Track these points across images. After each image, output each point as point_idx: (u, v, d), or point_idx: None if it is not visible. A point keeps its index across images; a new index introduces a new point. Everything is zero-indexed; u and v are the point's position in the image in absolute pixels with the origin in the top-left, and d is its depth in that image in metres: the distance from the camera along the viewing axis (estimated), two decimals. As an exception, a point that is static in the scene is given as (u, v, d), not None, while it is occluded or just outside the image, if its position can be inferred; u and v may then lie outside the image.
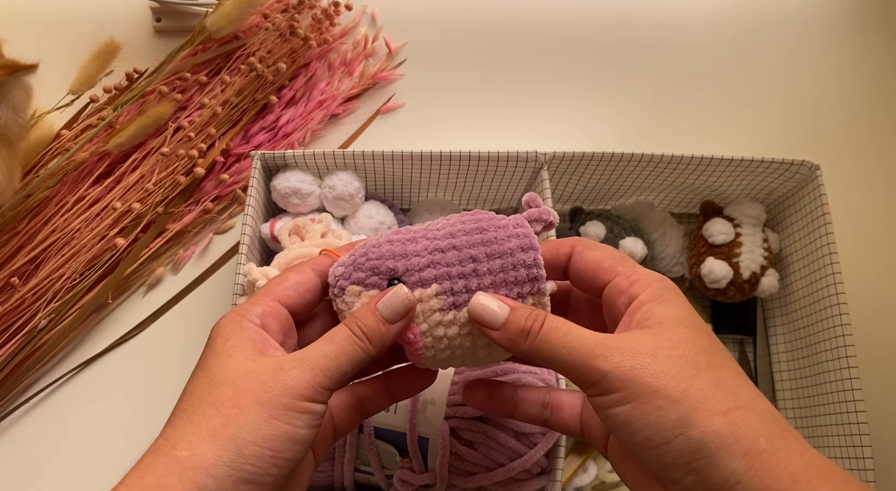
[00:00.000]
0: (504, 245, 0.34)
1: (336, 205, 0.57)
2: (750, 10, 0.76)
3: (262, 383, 0.30)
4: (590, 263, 0.34)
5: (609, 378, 0.29)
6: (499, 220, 0.35)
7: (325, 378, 0.31)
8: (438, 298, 0.34)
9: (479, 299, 0.33)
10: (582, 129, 0.70)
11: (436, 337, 0.34)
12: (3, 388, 0.57)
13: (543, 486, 0.46)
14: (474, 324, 0.33)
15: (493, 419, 0.44)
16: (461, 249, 0.34)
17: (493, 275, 0.34)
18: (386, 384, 0.37)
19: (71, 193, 0.62)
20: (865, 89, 0.72)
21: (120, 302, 0.61)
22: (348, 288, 0.34)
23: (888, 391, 0.60)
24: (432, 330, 0.34)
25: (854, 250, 0.62)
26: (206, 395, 0.30)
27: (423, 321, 0.34)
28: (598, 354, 0.30)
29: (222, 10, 0.63)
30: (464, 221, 0.35)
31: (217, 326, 0.33)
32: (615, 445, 0.35)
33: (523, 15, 0.74)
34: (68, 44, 0.64)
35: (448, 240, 0.34)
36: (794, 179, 0.57)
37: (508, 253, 0.34)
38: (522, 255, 0.34)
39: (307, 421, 0.30)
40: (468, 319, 0.33)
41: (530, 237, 0.34)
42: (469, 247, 0.34)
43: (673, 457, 0.28)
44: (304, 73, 0.69)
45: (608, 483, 0.56)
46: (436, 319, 0.34)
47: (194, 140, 0.63)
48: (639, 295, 0.32)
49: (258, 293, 0.34)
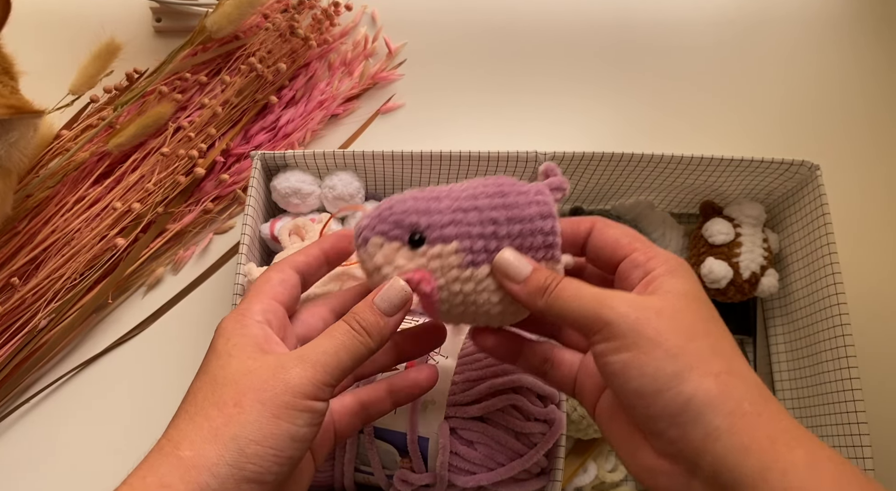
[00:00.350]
0: (524, 211, 0.35)
1: (336, 205, 0.57)
2: (750, 10, 0.76)
3: (264, 382, 0.30)
4: (609, 239, 0.35)
5: (614, 325, 0.31)
6: (521, 186, 0.36)
7: (326, 375, 0.31)
8: (458, 254, 0.35)
9: (507, 254, 0.34)
10: (582, 129, 0.70)
11: (452, 292, 0.35)
12: (3, 388, 0.57)
13: (543, 486, 0.46)
14: (497, 276, 0.35)
15: (493, 419, 0.44)
16: (483, 211, 0.35)
17: (511, 239, 0.35)
18: (388, 388, 0.38)
19: (71, 193, 0.62)
20: (865, 89, 0.72)
21: (120, 302, 0.61)
22: (371, 239, 0.35)
23: (888, 391, 0.60)
24: (449, 285, 0.35)
25: (854, 250, 0.62)
26: (208, 395, 0.31)
27: (441, 276, 0.35)
28: (607, 304, 0.32)
29: (222, 11, 0.63)
30: (487, 184, 0.36)
31: (219, 326, 0.33)
32: (604, 404, 0.36)
33: (523, 15, 0.74)
34: (68, 44, 0.64)
35: (471, 201, 0.35)
36: (794, 179, 0.57)
37: (528, 219, 0.35)
38: (541, 222, 0.35)
39: (309, 419, 0.31)
40: (484, 277, 0.35)
41: (550, 205, 0.35)
42: (491, 209, 0.35)
43: (661, 409, 0.30)
44: (304, 73, 0.69)
45: (608, 483, 0.56)
46: (453, 275, 0.35)
47: (194, 140, 0.63)
48: (654, 269, 0.33)
49: (252, 293, 0.35)
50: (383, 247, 0.35)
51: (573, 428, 0.54)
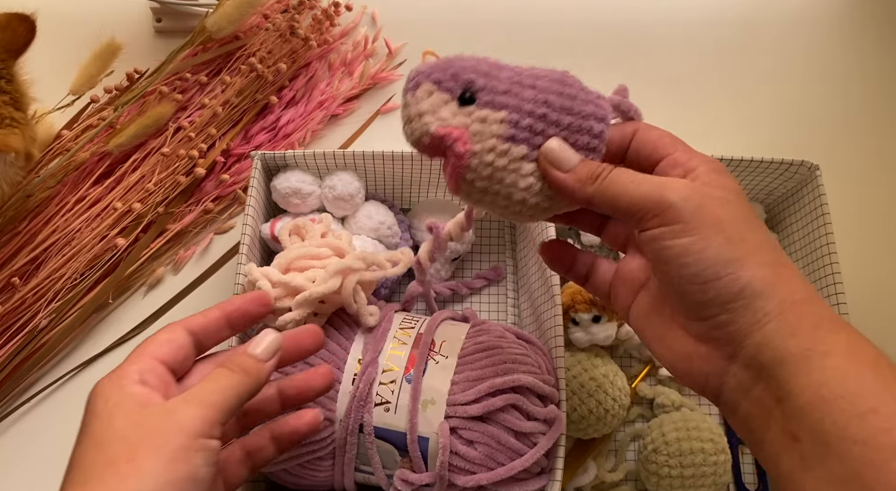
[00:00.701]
0: (581, 107, 0.34)
1: (336, 205, 0.57)
2: (749, 10, 0.76)
3: (155, 430, 0.30)
4: (652, 137, 0.35)
5: (676, 208, 0.31)
6: (585, 85, 0.35)
7: (215, 412, 0.31)
8: (502, 125, 0.34)
9: (555, 142, 0.34)
10: (582, 129, 0.70)
11: (483, 162, 0.34)
12: (3, 388, 0.57)
13: (543, 486, 0.46)
14: (542, 162, 0.34)
15: (493, 419, 0.45)
16: (540, 91, 0.34)
17: (559, 128, 0.34)
18: (271, 434, 0.38)
19: (71, 194, 0.62)
20: (865, 89, 0.72)
21: (120, 302, 0.61)
22: (423, 84, 0.34)
23: (888, 391, 0.60)
24: (483, 154, 0.34)
25: (854, 250, 0.62)
26: (96, 458, 0.30)
27: (478, 142, 0.34)
28: (669, 186, 0.32)
29: (222, 11, 0.63)
30: (553, 71, 0.36)
31: (94, 389, 0.33)
32: (641, 304, 0.36)
33: (523, 15, 0.74)
34: (69, 44, 0.64)
35: (531, 79, 0.35)
36: (794, 179, 0.57)
37: (582, 116, 0.34)
38: (594, 122, 0.34)
39: (206, 458, 0.30)
40: (519, 158, 0.34)
41: (607, 111, 0.35)
42: (549, 92, 0.34)
43: (716, 293, 0.30)
44: (305, 73, 0.69)
45: (608, 483, 0.56)
46: (490, 144, 0.34)
47: (195, 140, 0.63)
48: (698, 167, 0.33)
49: (132, 354, 0.34)
50: (433, 95, 0.34)
51: (573, 428, 0.54)
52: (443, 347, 0.47)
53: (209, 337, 0.37)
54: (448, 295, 0.60)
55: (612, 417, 0.53)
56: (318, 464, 0.47)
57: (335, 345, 0.47)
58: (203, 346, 0.37)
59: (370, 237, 0.57)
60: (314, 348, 0.40)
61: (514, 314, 0.60)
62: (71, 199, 0.61)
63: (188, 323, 0.36)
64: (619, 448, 0.57)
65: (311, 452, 0.46)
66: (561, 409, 0.47)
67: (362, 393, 0.45)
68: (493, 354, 0.46)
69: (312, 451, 0.46)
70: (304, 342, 0.39)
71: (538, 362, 0.48)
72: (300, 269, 0.47)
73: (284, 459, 0.46)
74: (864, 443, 0.26)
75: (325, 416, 0.45)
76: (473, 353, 0.47)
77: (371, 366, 0.46)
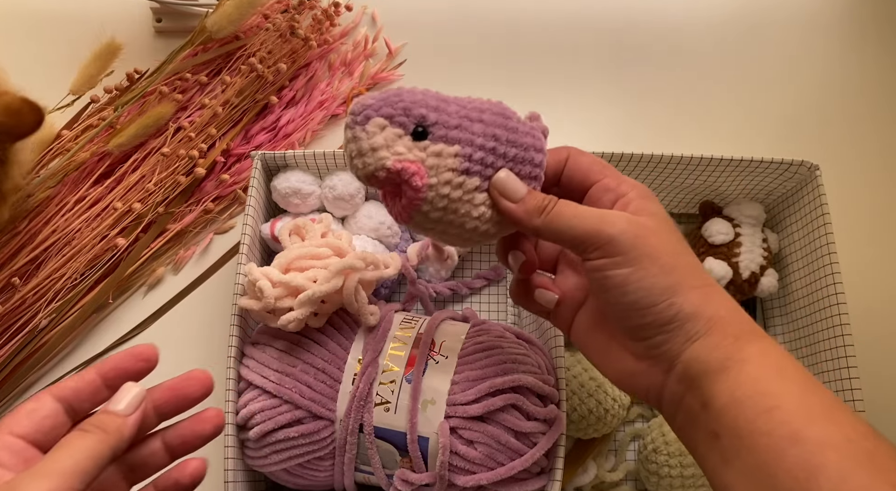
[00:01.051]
0: (523, 138, 0.37)
1: (336, 205, 0.57)
2: (750, 11, 0.76)
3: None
4: (583, 165, 0.38)
5: (616, 241, 0.34)
6: (519, 116, 0.38)
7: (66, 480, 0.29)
8: (456, 158, 0.36)
9: (505, 174, 0.37)
10: (581, 129, 0.70)
11: (439, 194, 0.36)
12: (3, 388, 0.57)
13: (543, 485, 0.46)
14: (493, 193, 0.37)
15: (492, 419, 0.45)
16: (487, 125, 0.36)
17: (506, 160, 0.37)
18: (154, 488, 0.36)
19: (72, 193, 0.62)
20: (865, 89, 0.72)
21: (120, 302, 0.61)
22: (374, 119, 0.35)
23: (888, 391, 0.60)
24: (439, 187, 0.36)
25: (854, 250, 0.62)
26: None
27: (434, 175, 0.35)
28: (608, 220, 0.35)
29: (223, 11, 0.63)
30: (491, 104, 0.38)
31: None
32: (582, 322, 0.40)
33: (524, 15, 0.74)
34: (69, 44, 0.64)
35: (478, 113, 0.37)
36: (794, 179, 0.57)
37: (524, 147, 0.37)
38: (534, 153, 0.37)
39: None
40: (472, 189, 0.36)
41: (543, 142, 0.38)
42: (495, 126, 0.37)
43: (653, 318, 0.34)
44: (305, 73, 0.69)
45: (608, 483, 0.56)
46: (446, 178, 0.36)
47: (195, 140, 0.63)
48: (627, 193, 0.37)
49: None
50: (385, 130, 0.35)
51: (573, 428, 0.54)
52: (443, 347, 0.47)
53: (84, 401, 0.34)
54: (448, 295, 0.60)
55: (612, 416, 0.53)
56: (318, 464, 0.47)
57: (335, 345, 0.47)
58: (78, 411, 0.34)
59: (370, 237, 0.57)
60: (202, 395, 0.36)
61: (514, 314, 0.60)
62: (71, 199, 0.61)
63: (57, 389, 0.33)
64: (619, 448, 0.57)
65: (311, 452, 0.46)
66: (561, 409, 0.47)
67: (362, 393, 0.45)
68: (493, 354, 0.46)
69: (312, 451, 0.46)
70: (189, 390, 0.36)
71: (538, 362, 0.48)
72: (300, 268, 0.47)
73: (284, 459, 0.46)
74: (768, 434, 0.30)
75: (325, 416, 0.46)
76: (473, 353, 0.47)
77: (371, 366, 0.46)
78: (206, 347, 0.60)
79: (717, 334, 0.33)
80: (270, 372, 0.46)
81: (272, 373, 0.46)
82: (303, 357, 0.46)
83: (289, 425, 0.45)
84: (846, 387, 0.50)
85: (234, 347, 0.48)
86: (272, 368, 0.46)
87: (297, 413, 0.45)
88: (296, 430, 0.45)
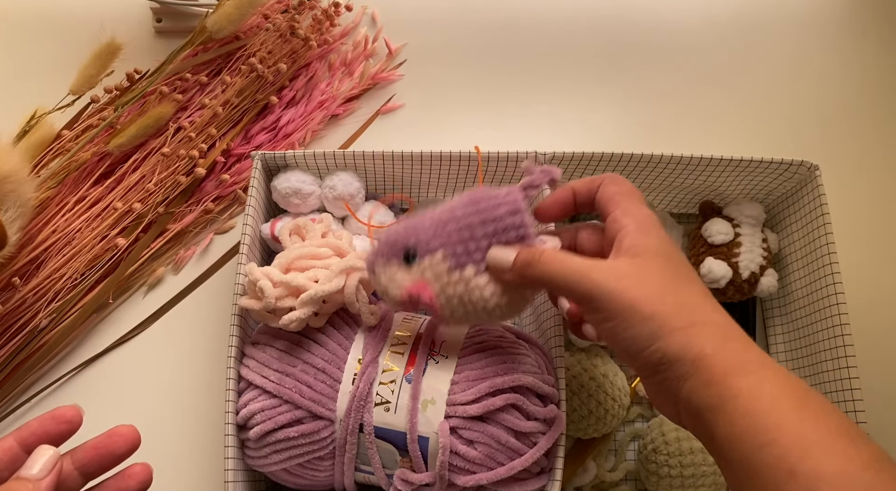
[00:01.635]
0: (494, 212, 0.40)
1: (336, 205, 0.57)
2: (749, 11, 0.76)
3: None
4: (606, 194, 0.41)
5: (597, 300, 0.36)
6: (491, 192, 0.41)
7: None
8: (444, 261, 0.41)
9: (493, 250, 0.40)
10: (581, 129, 0.70)
11: (448, 295, 0.41)
12: (3, 388, 0.57)
13: (543, 485, 0.46)
14: (492, 274, 0.40)
15: (492, 419, 0.45)
16: (459, 220, 0.41)
17: (488, 238, 0.40)
18: None
19: (72, 194, 0.62)
20: (865, 89, 0.72)
21: (121, 302, 0.61)
22: (377, 262, 0.43)
23: (888, 391, 0.60)
24: (444, 290, 0.41)
25: (853, 250, 0.62)
26: None
27: (435, 283, 0.41)
28: (588, 277, 0.37)
29: (223, 11, 0.63)
30: (462, 198, 0.42)
31: None
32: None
33: (523, 15, 0.74)
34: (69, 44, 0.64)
35: (448, 214, 0.41)
36: (794, 180, 0.57)
37: (499, 218, 0.40)
38: (511, 218, 0.40)
39: None
40: (472, 277, 0.40)
41: (518, 203, 0.40)
42: (465, 217, 0.41)
43: (644, 363, 0.36)
44: (305, 73, 0.69)
45: (608, 483, 0.56)
46: (444, 280, 0.41)
47: (195, 140, 0.63)
48: (626, 226, 0.38)
49: None
50: (386, 269, 0.42)
51: (573, 428, 0.54)
52: (443, 347, 0.47)
53: (3, 470, 0.33)
54: (448, 295, 0.60)
55: (612, 416, 0.53)
56: (318, 464, 0.47)
57: (335, 345, 0.47)
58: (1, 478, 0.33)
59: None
60: (127, 452, 0.35)
61: (514, 314, 0.60)
62: (71, 200, 0.61)
63: (19, 436, 0.33)
64: (619, 448, 0.57)
65: (311, 451, 0.46)
66: (561, 408, 0.47)
67: (362, 393, 0.45)
68: (493, 353, 0.46)
69: (312, 451, 0.46)
70: (113, 447, 0.35)
71: (538, 362, 0.48)
72: (301, 268, 0.47)
73: (284, 459, 0.46)
74: (768, 467, 0.31)
75: (325, 416, 0.46)
76: (473, 352, 0.47)
77: (371, 365, 0.46)
78: (206, 347, 0.60)
79: (705, 373, 0.34)
80: (270, 372, 0.46)
81: (272, 373, 0.46)
82: (303, 357, 0.46)
83: (289, 425, 0.45)
84: (846, 387, 0.50)
85: (235, 347, 0.48)
86: (272, 368, 0.46)
87: (297, 413, 0.45)
88: (296, 430, 0.45)
